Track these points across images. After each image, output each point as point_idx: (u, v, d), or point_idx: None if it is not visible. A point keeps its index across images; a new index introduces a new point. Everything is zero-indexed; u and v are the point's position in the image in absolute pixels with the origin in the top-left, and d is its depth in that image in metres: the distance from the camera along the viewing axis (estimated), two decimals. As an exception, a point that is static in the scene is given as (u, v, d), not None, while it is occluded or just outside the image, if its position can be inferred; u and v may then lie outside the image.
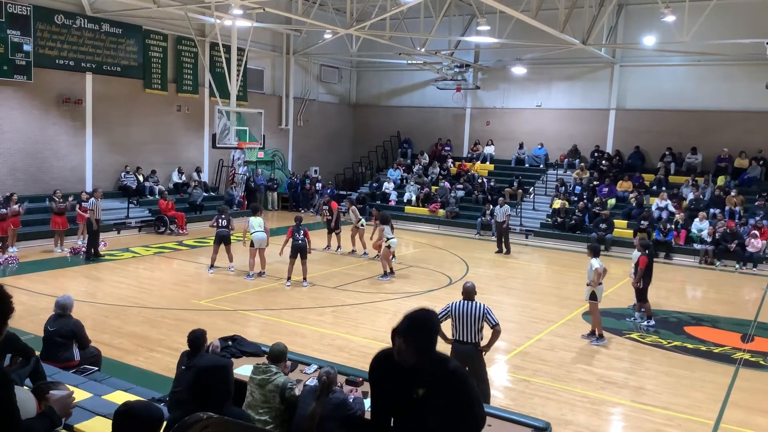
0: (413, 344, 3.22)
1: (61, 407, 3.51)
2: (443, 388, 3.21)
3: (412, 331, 3.25)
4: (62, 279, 13.46)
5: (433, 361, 3.27)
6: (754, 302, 14.16)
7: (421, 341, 3.23)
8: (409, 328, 3.26)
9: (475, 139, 27.33)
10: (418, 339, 3.23)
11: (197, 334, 6.05)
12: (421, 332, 3.25)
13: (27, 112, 18.00)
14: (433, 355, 3.27)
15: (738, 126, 21.89)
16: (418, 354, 3.23)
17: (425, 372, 3.23)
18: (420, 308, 3.39)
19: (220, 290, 12.97)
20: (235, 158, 24.34)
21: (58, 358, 6.79)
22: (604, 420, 7.67)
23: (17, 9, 17.24)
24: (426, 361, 3.24)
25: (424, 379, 3.23)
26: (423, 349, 3.23)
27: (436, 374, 3.23)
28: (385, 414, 3.42)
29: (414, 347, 3.22)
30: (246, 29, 19.91)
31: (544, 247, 20.23)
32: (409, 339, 3.23)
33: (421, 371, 3.24)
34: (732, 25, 20.38)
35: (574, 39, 19.16)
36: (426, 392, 3.21)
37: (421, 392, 3.22)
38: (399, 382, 3.29)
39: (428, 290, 13.63)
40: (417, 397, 3.23)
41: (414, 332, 3.24)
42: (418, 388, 3.22)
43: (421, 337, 3.24)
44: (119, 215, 19.09)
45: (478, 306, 7.10)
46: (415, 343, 3.22)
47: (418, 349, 3.22)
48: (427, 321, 3.32)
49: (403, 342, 3.24)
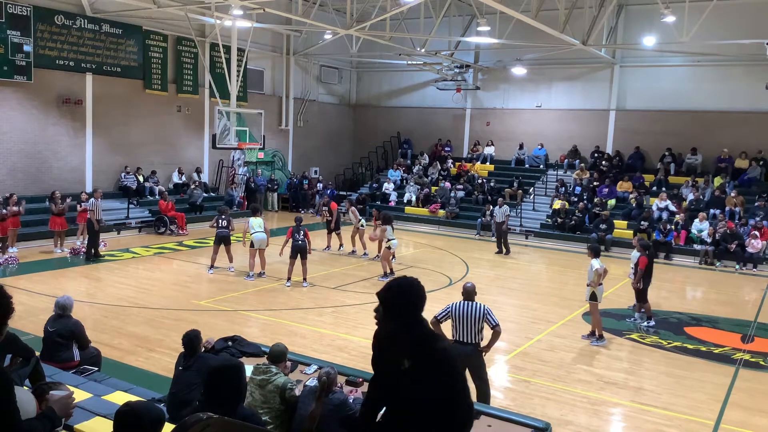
0: (388, 309, 3.21)
1: (61, 408, 3.51)
2: (431, 365, 3.15)
3: (387, 295, 3.24)
4: (62, 279, 13.46)
5: (420, 334, 3.22)
6: (754, 303, 14.16)
7: (396, 306, 3.21)
8: (386, 291, 3.26)
9: (475, 140, 27.34)
10: (394, 304, 3.21)
11: (191, 336, 6.03)
12: (397, 297, 3.23)
13: (27, 113, 18.01)
14: (415, 327, 3.22)
15: (738, 126, 21.89)
16: (393, 320, 3.21)
17: (411, 343, 3.19)
18: (404, 276, 3.39)
19: (220, 291, 12.97)
20: (235, 159, 24.34)
21: (58, 358, 6.78)
22: (604, 420, 7.67)
23: (17, 9, 17.25)
24: (404, 329, 3.20)
25: (411, 351, 3.18)
26: (397, 314, 3.20)
27: (424, 349, 3.18)
28: (376, 400, 3.40)
29: (389, 312, 3.20)
30: (246, 30, 19.91)
31: (544, 248, 20.23)
32: (384, 303, 3.23)
33: (406, 342, 3.20)
34: (732, 26, 20.38)
35: (574, 39, 19.17)
36: (412, 365, 3.16)
37: (407, 363, 3.17)
38: (388, 353, 3.27)
39: (428, 291, 13.58)
40: (404, 369, 3.18)
41: (390, 296, 3.23)
42: (404, 359, 3.18)
43: (396, 302, 3.22)
44: (119, 216, 19.09)
45: (479, 306, 7.10)
46: (390, 308, 3.21)
47: (392, 314, 3.20)
48: (405, 287, 3.29)
49: (380, 305, 3.24)
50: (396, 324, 3.23)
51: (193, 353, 6.05)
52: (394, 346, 3.25)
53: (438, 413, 3.14)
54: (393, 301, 3.24)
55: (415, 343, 3.19)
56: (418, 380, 3.13)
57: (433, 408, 3.13)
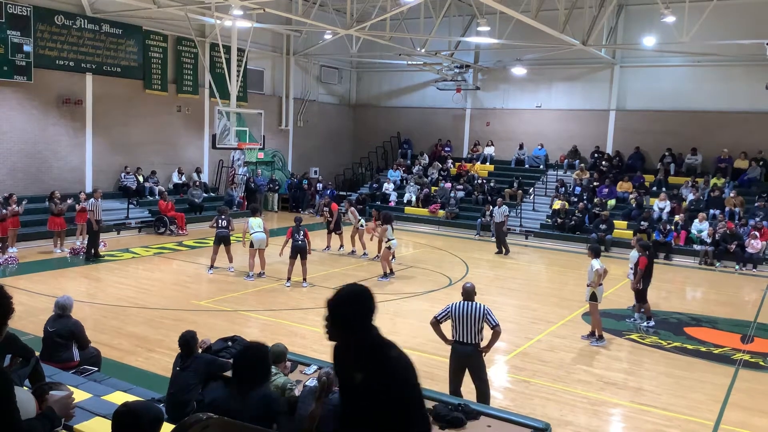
0: (334, 318, 3.09)
1: (60, 408, 3.51)
2: (383, 376, 3.04)
3: (332, 304, 3.12)
4: (62, 279, 13.46)
5: (371, 345, 3.10)
6: (754, 303, 14.16)
7: (341, 316, 3.08)
8: (332, 300, 3.13)
9: (475, 140, 27.34)
10: (339, 314, 3.09)
11: (188, 337, 6.04)
12: (342, 306, 3.09)
13: (27, 113, 18.01)
14: (365, 336, 3.10)
15: (738, 127, 21.89)
16: (338, 330, 3.10)
17: (362, 354, 3.08)
18: (352, 283, 3.26)
19: (220, 291, 12.97)
20: (235, 159, 24.34)
21: (58, 358, 6.78)
22: (604, 421, 7.67)
23: (17, 10, 17.25)
24: (351, 340, 3.11)
25: (361, 363, 3.07)
26: (343, 325, 3.08)
27: (375, 359, 3.07)
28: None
29: (334, 322, 3.09)
30: (246, 30, 19.92)
31: (543, 248, 20.23)
32: (330, 312, 3.11)
33: (359, 355, 3.09)
34: (732, 26, 20.38)
35: (574, 40, 19.17)
36: (364, 378, 3.06)
37: (358, 377, 3.07)
38: (342, 367, 3.19)
39: (428, 291, 13.63)
40: (355, 382, 3.09)
41: (335, 305, 3.10)
42: (356, 372, 3.07)
43: (342, 311, 3.08)
44: (119, 216, 19.09)
45: (478, 307, 7.10)
46: (335, 317, 3.09)
47: (337, 324, 3.08)
48: (351, 294, 3.14)
49: (327, 315, 3.12)
50: (344, 334, 3.12)
51: (190, 354, 6.05)
52: (344, 359, 3.17)
53: (392, 426, 3.04)
54: (341, 311, 3.10)
55: (365, 353, 3.08)
56: (370, 392, 3.04)
57: (387, 421, 3.03)
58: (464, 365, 7.19)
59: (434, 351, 9.63)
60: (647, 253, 11.36)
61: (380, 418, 3.03)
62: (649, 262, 11.35)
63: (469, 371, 7.20)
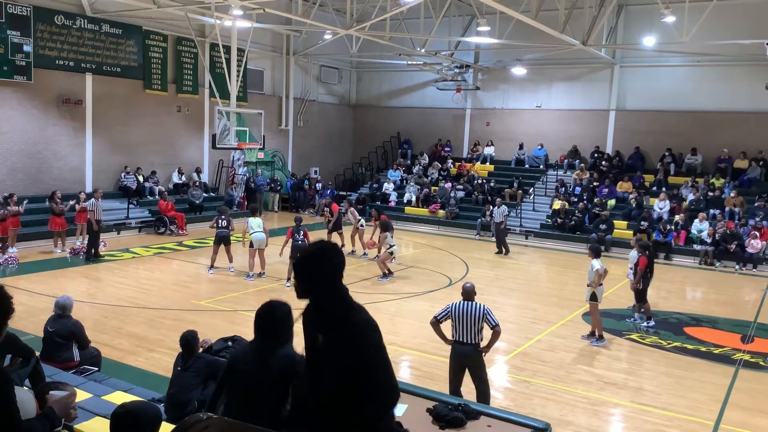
0: (301, 273, 3.11)
1: (60, 408, 3.51)
2: (341, 337, 3.00)
3: (300, 258, 3.15)
4: (62, 279, 13.45)
5: (337, 306, 3.07)
6: (754, 303, 14.16)
7: (308, 271, 3.08)
8: (300, 255, 3.16)
9: (475, 140, 27.34)
10: (306, 268, 3.10)
11: (189, 337, 6.04)
12: (309, 260, 3.09)
13: (27, 113, 18.00)
14: (331, 296, 3.08)
15: (738, 127, 21.89)
16: (304, 284, 3.09)
17: (327, 316, 3.07)
18: (321, 240, 3.33)
19: (220, 291, 12.97)
20: (235, 159, 24.34)
21: (58, 358, 6.79)
22: (604, 421, 7.67)
23: (17, 9, 17.25)
24: (319, 297, 3.10)
25: (325, 324, 3.06)
26: (308, 278, 3.08)
27: (337, 320, 3.04)
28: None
29: (301, 276, 3.10)
30: (246, 30, 19.91)
31: (544, 248, 20.23)
32: (297, 266, 3.15)
33: (323, 315, 3.08)
34: (732, 26, 20.38)
35: (574, 40, 19.17)
36: (325, 340, 3.04)
37: (320, 338, 3.05)
38: (307, 327, 3.17)
39: (428, 291, 13.63)
40: (318, 344, 3.07)
41: (302, 259, 3.12)
42: (319, 333, 3.06)
43: (308, 265, 3.08)
44: (119, 216, 19.09)
45: (478, 306, 7.11)
46: (302, 271, 3.11)
47: (304, 278, 3.09)
48: (319, 250, 3.13)
49: (296, 270, 3.17)
50: (311, 290, 3.09)
51: (191, 354, 6.06)
52: (311, 319, 3.14)
53: (354, 390, 3.00)
54: (308, 265, 3.08)
55: (329, 314, 3.06)
56: (332, 354, 3.01)
57: (349, 384, 2.99)
58: (464, 365, 7.19)
59: (434, 351, 9.63)
60: (647, 253, 11.37)
61: (342, 382, 3.00)
62: (649, 262, 11.36)
63: (469, 371, 7.20)
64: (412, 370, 8.95)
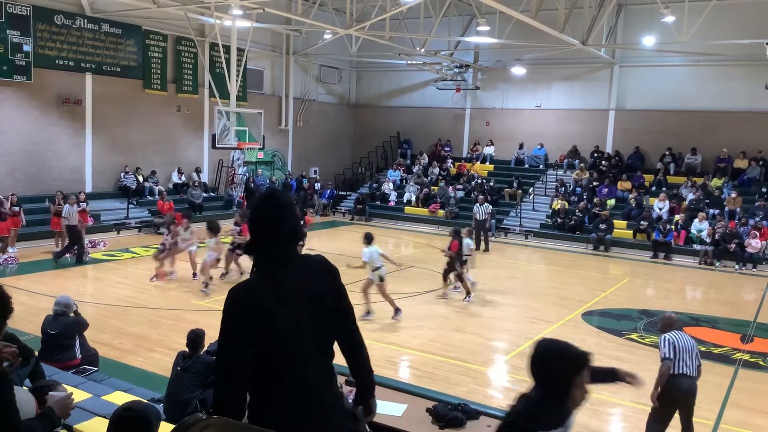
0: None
1: (60, 408, 3.51)
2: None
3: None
4: (62, 279, 13.45)
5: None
6: (754, 303, 14.16)
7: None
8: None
9: (474, 140, 27.34)
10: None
11: (199, 333, 6.09)
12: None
13: (27, 113, 18.00)
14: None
15: (737, 126, 21.89)
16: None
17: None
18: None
19: (221, 291, 12.96)
20: (234, 159, 24.34)
21: (60, 358, 6.79)
22: (604, 420, 7.67)
23: (17, 9, 17.24)
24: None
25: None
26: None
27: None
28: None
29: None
30: (246, 29, 19.91)
31: (543, 248, 20.24)
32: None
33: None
34: (731, 26, 20.38)
35: (573, 39, 19.17)
36: None
37: None
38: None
39: (427, 291, 13.63)
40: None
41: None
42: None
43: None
44: (119, 215, 19.09)
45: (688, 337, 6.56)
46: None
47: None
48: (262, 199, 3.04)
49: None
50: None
51: (195, 352, 6.08)
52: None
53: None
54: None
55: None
56: None
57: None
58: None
59: (433, 351, 9.65)
60: (458, 236, 12.61)
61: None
62: (460, 244, 12.48)
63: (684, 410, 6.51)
64: (412, 369, 8.95)
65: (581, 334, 10.78)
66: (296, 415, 2.81)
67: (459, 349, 9.83)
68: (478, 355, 9.70)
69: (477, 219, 19.10)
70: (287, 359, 2.79)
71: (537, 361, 2.98)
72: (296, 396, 2.81)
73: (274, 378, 2.80)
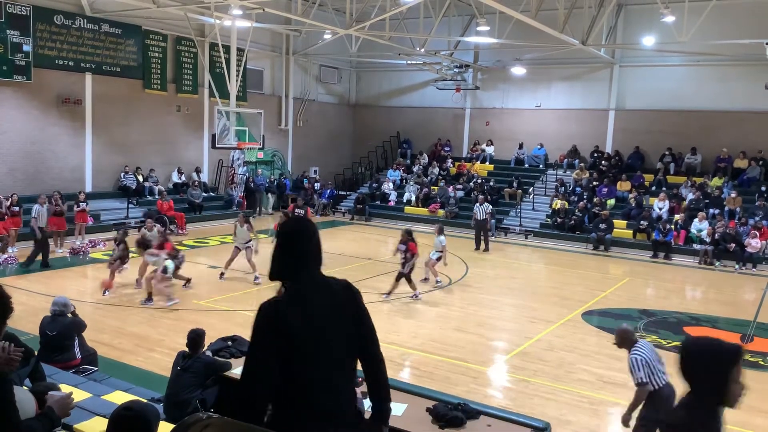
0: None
1: (60, 407, 3.51)
2: None
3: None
4: (61, 279, 13.45)
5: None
6: (754, 302, 14.16)
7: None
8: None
9: (474, 140, 27.35)
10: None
11: (199, 332, 6.10)
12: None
13: (26, 113, 18.00)
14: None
15: (737, 126, 21.90)
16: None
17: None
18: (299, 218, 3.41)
19: (220, 290, 12.97)
20: (234, 158, 24.33)
21: (60, 359, 6.79)
22: (603, 420, 7.67)
23: (17, 9, 17.24)
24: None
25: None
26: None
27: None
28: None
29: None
30: (245, 29, 19.91)
31: (543, 248, 20.24)
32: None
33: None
34: (731, 26, 20.38)
35: (573, 39, 19.17)
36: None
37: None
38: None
39: (428, 291, 13.63)
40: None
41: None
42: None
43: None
44: (119, 215, 19.08)
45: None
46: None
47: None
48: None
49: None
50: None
51: (195, 352, 6.08)
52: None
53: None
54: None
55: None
56: None
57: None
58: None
59: (433, 351, 9.65)
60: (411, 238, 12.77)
61: None
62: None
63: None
64: (412, 369, 8.95)
65: (581, 334, 10.78)
66: (309, 427, 2.92)
67: (459, 348, 9.83)
68: (478, 354, 9.70)
69: (477, 219, 19.11)
70: (306, 373, 2.92)
71: (691, 361, 2.91)
72: (312, 410, 2.93)
73: (293, 390, 2.92)
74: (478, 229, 19.01)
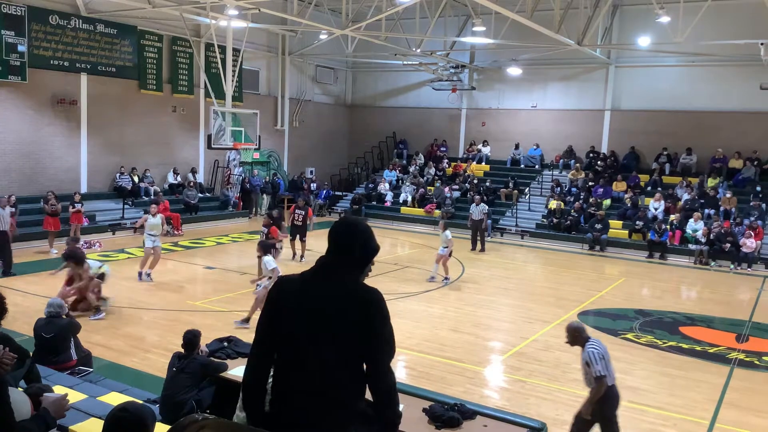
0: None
1: (55, 409, 3.50)
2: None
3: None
4: (57, 280, 13.34)
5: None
6: (749, 302, 14.21)
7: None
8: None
9: (470, 140, 27.37)
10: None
11: (194, 334, 6.08)
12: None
13: (21, 113, 17.94)
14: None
15: (732, 126, 21.97)
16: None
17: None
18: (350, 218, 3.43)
19: (216, 291, 12.95)
20: (230, 159, 24.29)
21: (57, 361, 6.77)
22: (600, 420, 7.67)
23: (12, 9, 17.18)
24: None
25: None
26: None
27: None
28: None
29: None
30: (241, 30, 19.90)
31: (539, 248, 20.26)
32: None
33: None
34: (726, 26, 20.44)
35: (569, 40, 19.20)
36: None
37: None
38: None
39: (424, 291, 13.63)
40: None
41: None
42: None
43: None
44: (114, 216, 19.04)
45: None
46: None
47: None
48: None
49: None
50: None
51: (191, 353, 6.07)
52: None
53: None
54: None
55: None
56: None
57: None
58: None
59: (429, 351, 9.65)
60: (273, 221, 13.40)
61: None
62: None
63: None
64: (408, 370, 8.95)
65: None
66: (284, 412, 3.01)
67: (455, 349, 9.84)
68: (474, 355, 9.71)
69: (473, 219, 19.13)
70: (284, 349, 3.01)
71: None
72: (280, 387, 3.02)
73: (279, 374, 3.02)
74: (474, 230, 19.05)
